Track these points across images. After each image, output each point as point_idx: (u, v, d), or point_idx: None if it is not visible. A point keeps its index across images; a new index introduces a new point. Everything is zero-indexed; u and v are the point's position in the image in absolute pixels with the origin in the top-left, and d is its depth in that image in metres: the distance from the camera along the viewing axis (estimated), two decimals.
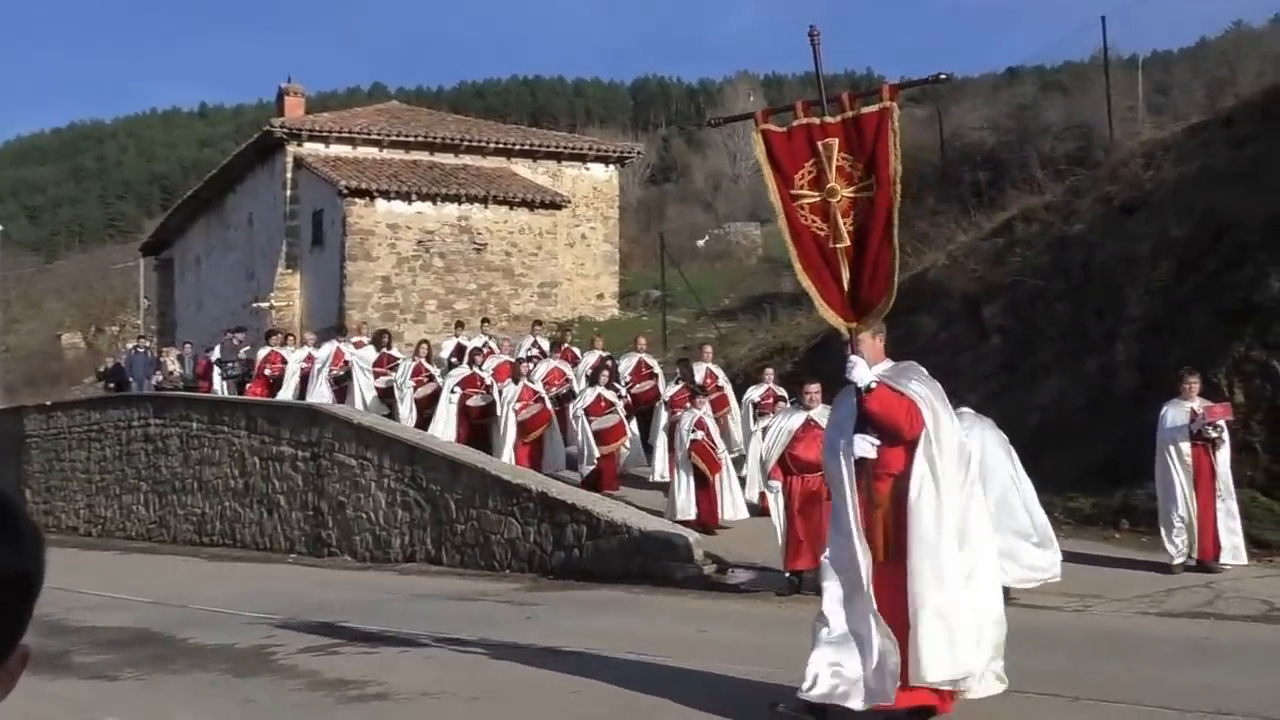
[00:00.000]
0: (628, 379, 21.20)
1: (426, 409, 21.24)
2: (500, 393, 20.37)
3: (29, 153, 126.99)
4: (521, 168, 37.51)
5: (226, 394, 25.24)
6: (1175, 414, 13.38)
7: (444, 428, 20.51)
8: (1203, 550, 13.14)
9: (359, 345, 23.91)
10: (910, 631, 6.96)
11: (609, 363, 21.14)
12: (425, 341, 23.55)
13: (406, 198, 33.70)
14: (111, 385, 29.00)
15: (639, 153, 49.20)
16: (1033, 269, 20.47)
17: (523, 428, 19.70)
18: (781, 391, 18.66)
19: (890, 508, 7.19)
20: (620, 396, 19.91)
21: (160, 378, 27.05)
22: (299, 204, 35.89)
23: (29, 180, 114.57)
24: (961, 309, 21.58)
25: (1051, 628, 10.67)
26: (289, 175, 35.86)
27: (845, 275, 7.51)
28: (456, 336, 24.40)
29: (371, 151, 36.09)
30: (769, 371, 19.94)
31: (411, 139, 36.73)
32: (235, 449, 23.25)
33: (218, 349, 26.71)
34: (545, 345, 24.11)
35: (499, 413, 20.08)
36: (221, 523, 23.51)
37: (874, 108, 7.54)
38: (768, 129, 7.77)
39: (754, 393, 19.22)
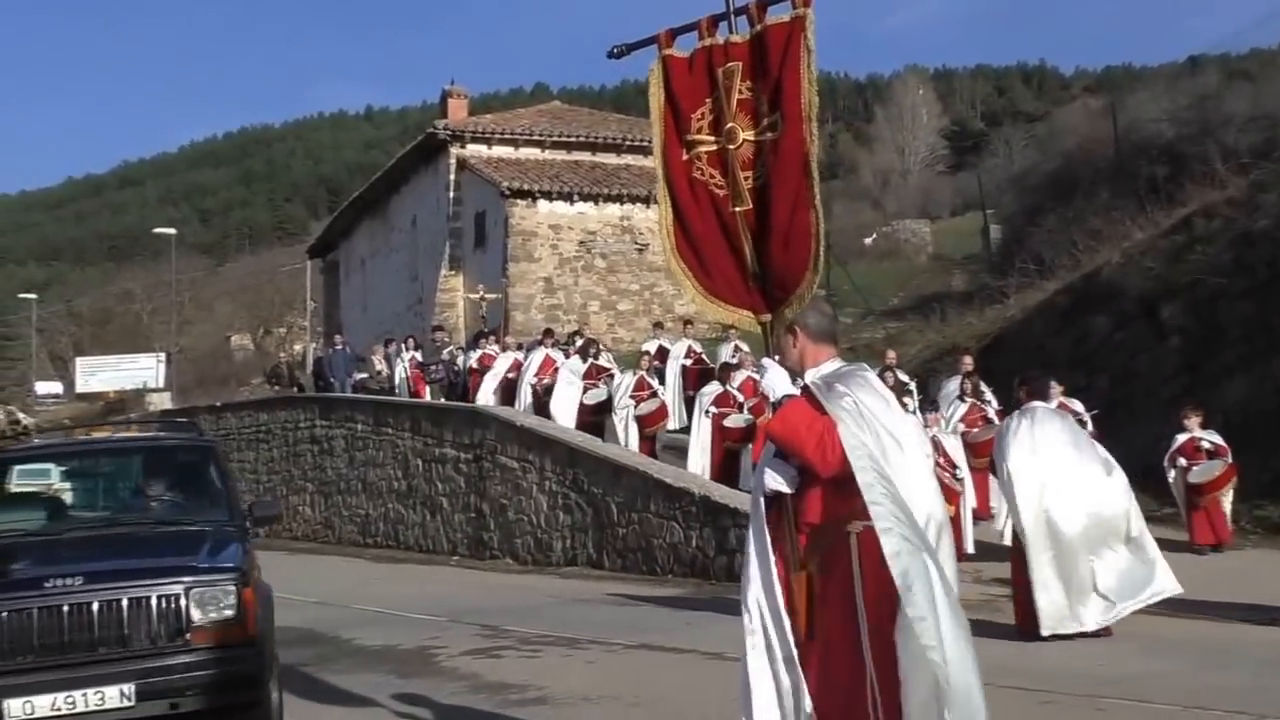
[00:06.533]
0: None
1: (650, 428, 19.76)
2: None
3: (202, 157, 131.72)
4: None
5: (429, 397, 24.57)
6: None
7: (700, 455, 18.17)
8: None
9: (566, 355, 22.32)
10: None
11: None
12: (647, 353, 21.81)
13: (568, 198, 33.89)
14: (319, 382, 29.35)
15: None
16: (1214, 267, 19.69)
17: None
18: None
19: (816, 571, 5.16)
20: None
21: (364, 376, 27.30)
22: (462, 205, 36.33)
23: (201, 184, 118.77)
24: (1138, 309, 20.88)
25: (1237, 643, 10.16)
26: (452, 177, 36.32)
27: (748, 249, 5.60)
28: (657, 338, 23.42)
29: (534, 152, 36.38)
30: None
31: (573, 139, 36.97)
32: (399, 451, 23.46)
33: (418, 350, 26.03)
34: (746, 348, 22.90)
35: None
36: (385, 524, 23.77)
37: (784, 17, 5.46)
38: (670, 55, 5.80)
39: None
